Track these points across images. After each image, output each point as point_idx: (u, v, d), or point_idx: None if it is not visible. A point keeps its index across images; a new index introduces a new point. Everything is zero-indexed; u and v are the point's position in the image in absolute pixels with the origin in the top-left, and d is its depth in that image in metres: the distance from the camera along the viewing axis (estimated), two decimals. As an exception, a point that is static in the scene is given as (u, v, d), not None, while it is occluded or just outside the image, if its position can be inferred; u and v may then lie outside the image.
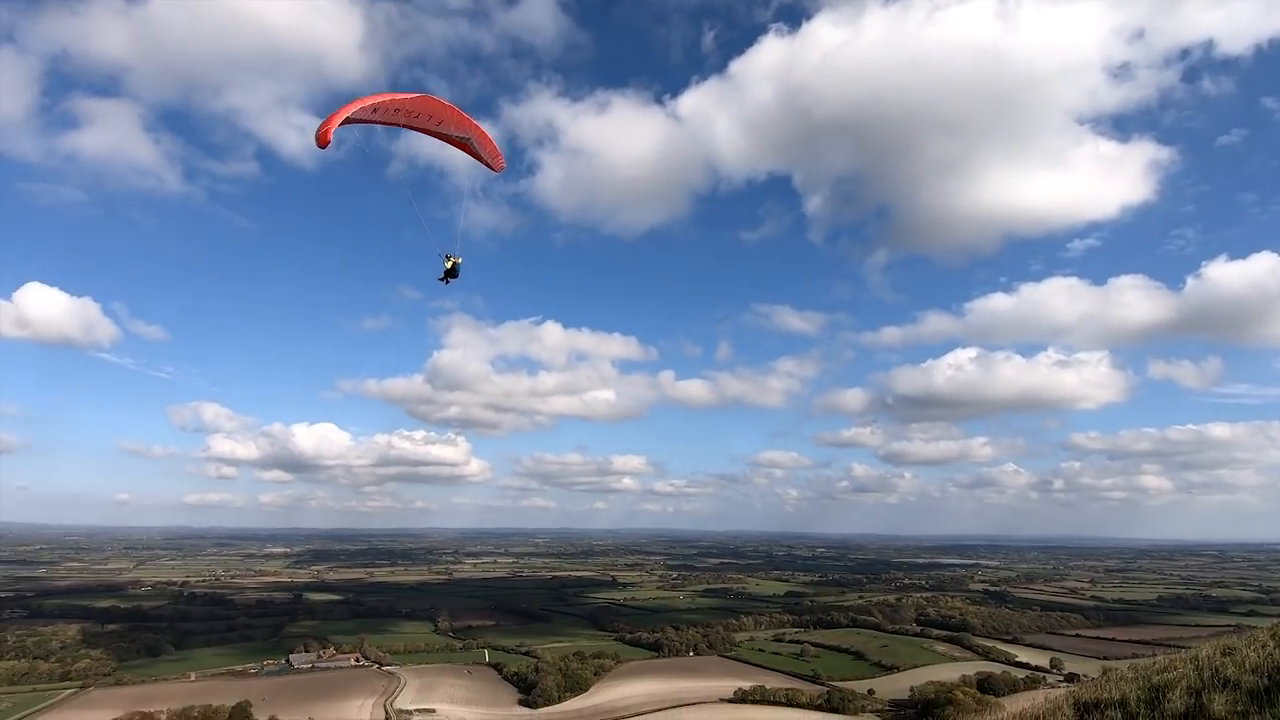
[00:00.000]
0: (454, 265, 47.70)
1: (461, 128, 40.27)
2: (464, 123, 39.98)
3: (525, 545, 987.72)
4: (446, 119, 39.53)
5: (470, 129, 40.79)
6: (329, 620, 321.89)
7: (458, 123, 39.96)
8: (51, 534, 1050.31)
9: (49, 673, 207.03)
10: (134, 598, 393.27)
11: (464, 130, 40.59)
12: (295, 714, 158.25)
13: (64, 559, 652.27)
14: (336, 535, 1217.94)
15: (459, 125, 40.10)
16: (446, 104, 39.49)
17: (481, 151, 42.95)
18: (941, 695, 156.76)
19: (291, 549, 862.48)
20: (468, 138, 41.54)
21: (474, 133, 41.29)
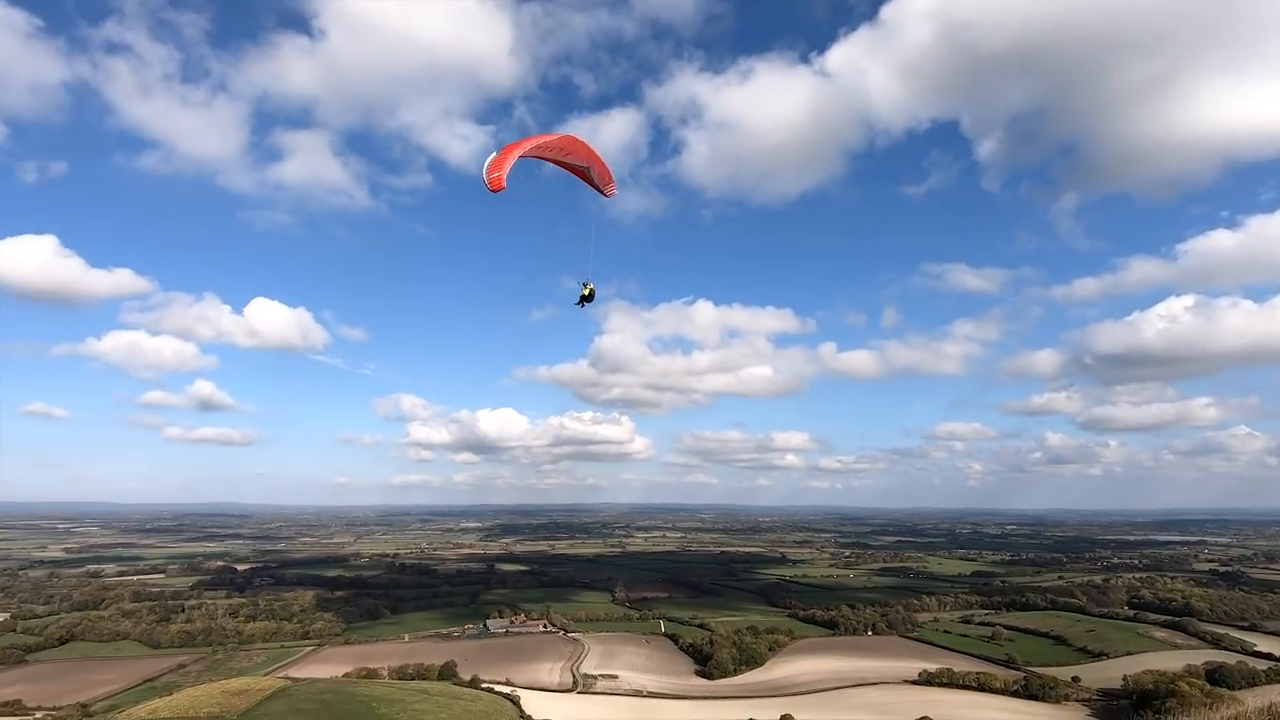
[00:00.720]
0: (590, 292, 50.81)
1: (585, 159, 44.50)
2: (590, 155, 44.49)
3: (692, 520, 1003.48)
4: (575, 151, 44.14)
5: (592, 160, 44.80)
6: (518, 589, 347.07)
7: (585, 155, 44.37)
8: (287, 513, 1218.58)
9: (292, 632, 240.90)
10: (355, 568, 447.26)
11: (586, 160, 44.60)
12: (494, 674, 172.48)
13: (299, 535, 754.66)
14: (521, 510, 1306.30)
15: (585, 156, 44.47)
16: (581, 140, 44.53)
17: (596, 179, 46.22)
18: (1162, 686, 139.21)
19: (483, 523, 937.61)
20: (587, 167, 45.12)
21: (594, 163, 44.99)
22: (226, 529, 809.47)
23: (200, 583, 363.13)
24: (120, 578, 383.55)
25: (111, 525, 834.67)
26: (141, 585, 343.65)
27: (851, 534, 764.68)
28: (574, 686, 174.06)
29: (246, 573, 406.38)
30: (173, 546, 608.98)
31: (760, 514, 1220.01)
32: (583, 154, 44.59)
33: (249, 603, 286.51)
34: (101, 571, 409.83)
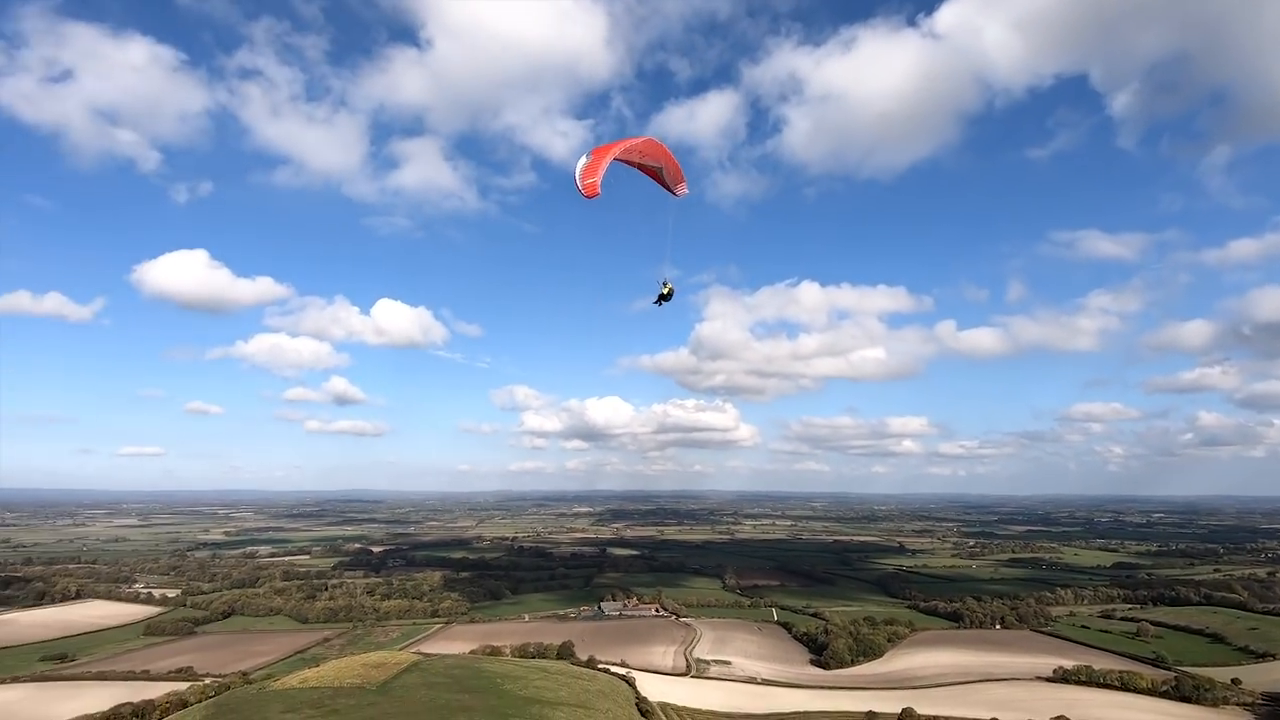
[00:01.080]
0: (669, 291, 51.50)
1: (660, 159, 45.61)
2: (665, 155, 45.67)
3: (802, 508, 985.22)
4: (653, 153, 45.14)
5: (665, 160, 45.83)
6: (630, 573, 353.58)
7: (661, 156, 45.50)
8: (415, 498, 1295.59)
9: (423, 610, 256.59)
10: (478, 550, 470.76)
11: (661, 160, 45.64)
12: (609, 655, 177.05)
13: (426, 519, 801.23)
14: (630, 496, 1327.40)
15: (660, 157, 45.58)
16: (659, 142, 45.72)
17: (668, 179, 47.26)
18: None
19: (594, 508, 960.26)
20: (660, 167, 46.09)
21: (668, 163, 46.04)
22: (362, 514, 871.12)
23: (340, 563, 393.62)
24: (272, 559, 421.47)
25: (263, 511, 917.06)
26: (290, 566, 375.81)
27: (976, 523, 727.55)
28: (688, 671, 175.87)
29: (381, 554, 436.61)
30: (316, 530, 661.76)
31: (876, 502, 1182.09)
32: (659, 155, 45.64)
33: (384, 582, 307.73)
34: (256, 553, 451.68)
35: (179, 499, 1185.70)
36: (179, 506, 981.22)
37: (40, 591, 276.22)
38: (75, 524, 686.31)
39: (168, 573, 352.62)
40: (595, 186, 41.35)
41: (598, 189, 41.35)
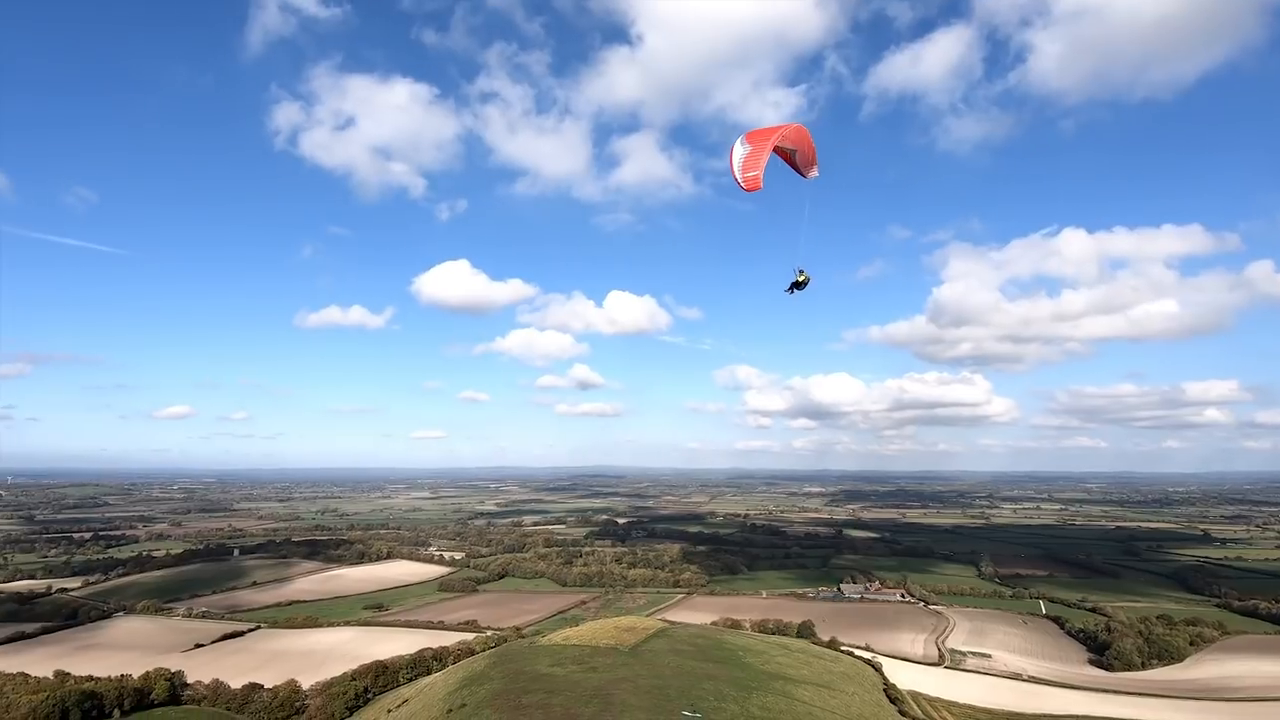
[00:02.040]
0: (804, 279, 50.04)
1: (798, 142, 44.54)
2: (802, 139, 44.62)
3: (1073, 490, 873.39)
4: (793, 137, 44.09)
5: (804, 145, 44.79)
6: (870, 556, 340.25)
7: (798, 139, 44.44)
8: (652, 474, 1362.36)
9: (665, 580, 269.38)
10: (712, 525, 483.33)
11: (798, 144, 44.56)
12: (851, 638, 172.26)
13: (663, 494, 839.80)
14: (864, 477, 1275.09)
15: (799, 141, 44.51)
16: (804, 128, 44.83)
17: (800, 162, 45.97)
18: None
19: (826, 489, 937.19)
20: (795, 150, 44.83)
21: (803, 146, 44.91)
22: (607, 488, 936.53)
23: (591, 533, 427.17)
24: (535, 527, 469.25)
25: (526, 484, 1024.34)
26: (550, 534, 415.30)
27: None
28: (940, 660, 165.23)
29: (625, 526, 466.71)
30: (569, 502, 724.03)
31: (1170, 483, 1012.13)
32: (800, 139, 44.55)
33: (629, 552, 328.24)
34: (521, 522, 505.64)
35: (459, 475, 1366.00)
36: (459, 481, 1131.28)
37: (360, 552, 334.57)
38: (383, 496, 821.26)
39: (454, 538, 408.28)
40: (758, 181, 39.57)
41: (760, 183, 39.51)
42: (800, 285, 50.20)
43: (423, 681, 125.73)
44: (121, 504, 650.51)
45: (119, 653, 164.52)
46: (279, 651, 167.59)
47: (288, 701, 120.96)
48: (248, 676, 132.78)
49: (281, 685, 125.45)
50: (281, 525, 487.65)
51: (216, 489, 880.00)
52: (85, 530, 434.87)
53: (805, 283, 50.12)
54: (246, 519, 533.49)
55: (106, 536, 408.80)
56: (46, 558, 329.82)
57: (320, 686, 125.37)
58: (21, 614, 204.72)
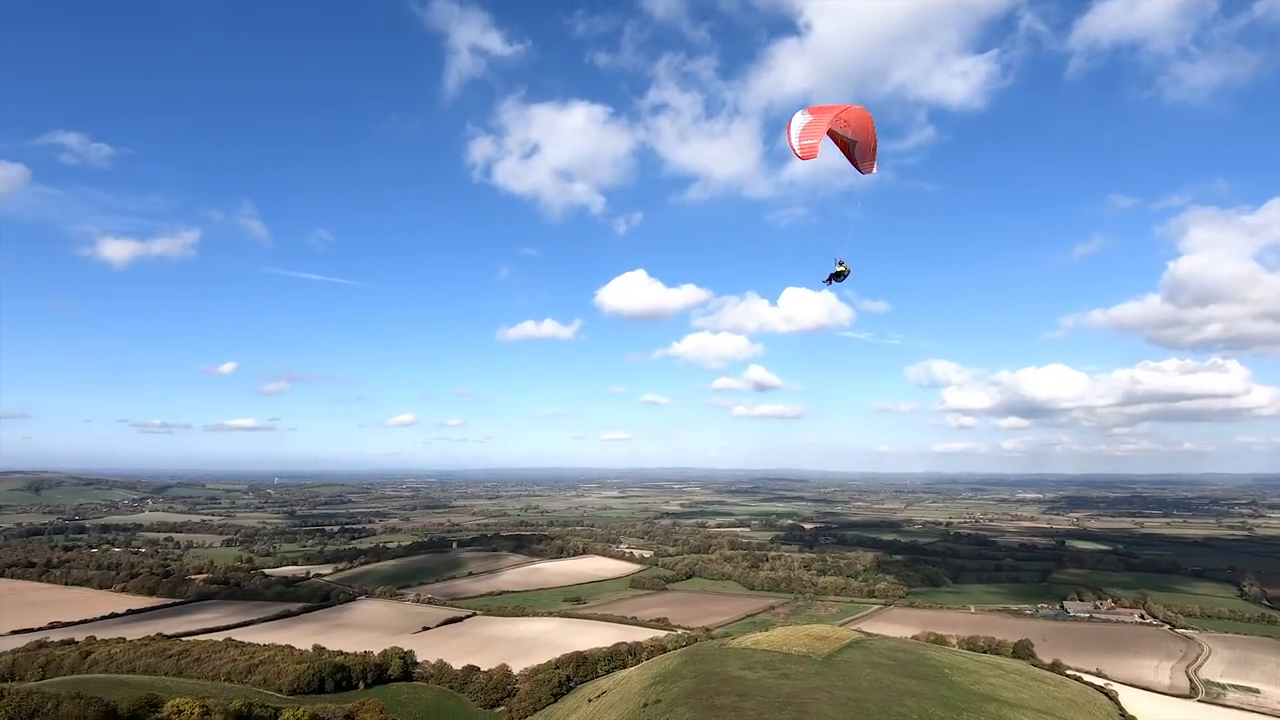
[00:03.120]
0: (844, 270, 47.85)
1: (859, 131, 41.54)
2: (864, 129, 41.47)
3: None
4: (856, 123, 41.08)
5: (865, 134, 41.74)
6: (1098, 570, 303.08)
7: (860, 127, 41.33)
8: (838, 479, 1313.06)
9: (858, 589, 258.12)
10: (909, 533, 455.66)
11: (859, 133, 41.67)
12: (1078, 661, 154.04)
13: (852, 499, 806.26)
14: (1089, 481, 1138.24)
15: (859, 129, 41.41)
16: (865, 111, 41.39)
17: (859, 154, 43.00)
18: None
19: (1043, 495, 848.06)
20: (855, 140, 42.13)
21: (865, 137, 41.97)
22: (790, 492, 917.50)
23: (776, 537, 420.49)
24: (719, 529, 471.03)
25: (707, 486, 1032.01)
26: (734, 536, 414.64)
27: None
28: (1192, 693, 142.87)
29: (812, 531, 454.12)
30: (751, 505, 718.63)
31: None
32: (862, 127, 41.67)
33: (818, 558, 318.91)
34: (705, 524, 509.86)
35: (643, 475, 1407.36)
36: (644, 481, 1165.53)
37: (559, 547, 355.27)
38: (577, 495, 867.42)
39: (642, 536, 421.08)
40: (815, 149, 38.19)
41: (817, 151, 38.25)
42: (840, 276, 48.53)
43: (619, 674, 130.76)
44: (362, 501, 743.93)
45: (361, 631, 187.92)
46: (492, 637, 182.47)
47: (501, 684, 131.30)
48: (467, 658, 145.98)
49: (495, 669, 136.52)
50: (491, 521, 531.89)
51: (437, 488, 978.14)
52: (334, 524, 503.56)
53: (845, 274, 48.38)
54: (462, 515, 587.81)
55: (350, 529, 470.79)
56: (305, 547, 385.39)
57: (528, 672, 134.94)
58: (287, 595, 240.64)
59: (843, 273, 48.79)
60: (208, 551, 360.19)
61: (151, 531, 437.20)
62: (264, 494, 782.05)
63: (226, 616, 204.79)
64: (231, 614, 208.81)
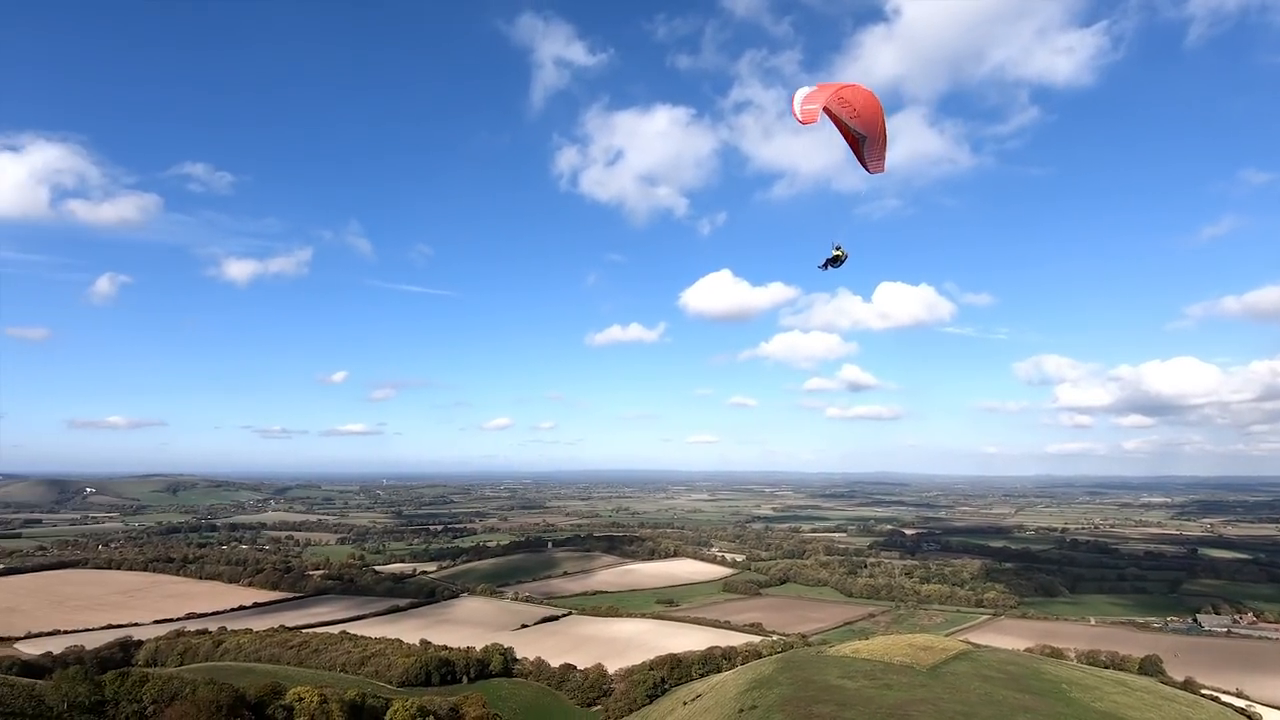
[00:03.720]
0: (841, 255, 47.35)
1: (869, 126, 39.39)
2: (877, 124, 39.38)
3: None
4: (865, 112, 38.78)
5: (875, 129, 39.61)
6: (1237, 581, 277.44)
7: (872, 123, 39.20)
8: (940, 482, 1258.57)
9: (965, 599, 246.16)
10: (1020, 540, 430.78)
11: (869, 128, 39.55)
12: (1215, 680, 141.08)
13: (956, 504, 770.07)
14: (1224, 484, 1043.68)
15: (871, 124, 39.24)
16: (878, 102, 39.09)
17: (869, 153, 41.07)
18: None
19: (1171, 499, 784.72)
20: (865, 136, 40.09)
21: (876, 135, 39.94)
22: (889, 496, 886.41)
23: (875, 543, 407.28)
24: (813, 534, 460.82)
25: (800, 490, 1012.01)
26: (830, 542, 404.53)
27: None
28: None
29: (914, 537, 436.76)
30: (847, 510, 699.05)
31: None
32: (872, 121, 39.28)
33: (920, 565, 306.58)
34: (799, 529, 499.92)
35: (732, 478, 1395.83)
36: (734, 485, 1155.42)
37: (651, 549, 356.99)
38: (666, 497, 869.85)
39: (733, 540, 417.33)
40: (815, 114, 36.59)
41: (817, 116, 36.63)
42: (836, 261, 48.00)
43: (713, 678, 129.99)
44: (462, 501, 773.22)
45: (464, 627, 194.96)
46: (587, 636, 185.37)
47: (596, 683, 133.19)
48: (563, 657, 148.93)
49: (591, 668, 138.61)
50: (584, 521, 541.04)
51: (532, 489, 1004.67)
52: (437, 524, 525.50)
53: (843, 258, 47.88)
54: (556, 515, 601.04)
55: (453, 529, 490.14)
56: (411, 545, 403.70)
57: (623, 673, 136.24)
58: (396, 591, 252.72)
59: (840, 257, 48.14)
60: (324, 549, 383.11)
61: (274, 530, 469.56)
62: (374, 495, 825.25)
63: (341, 610, 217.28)
64: (345, 608, 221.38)
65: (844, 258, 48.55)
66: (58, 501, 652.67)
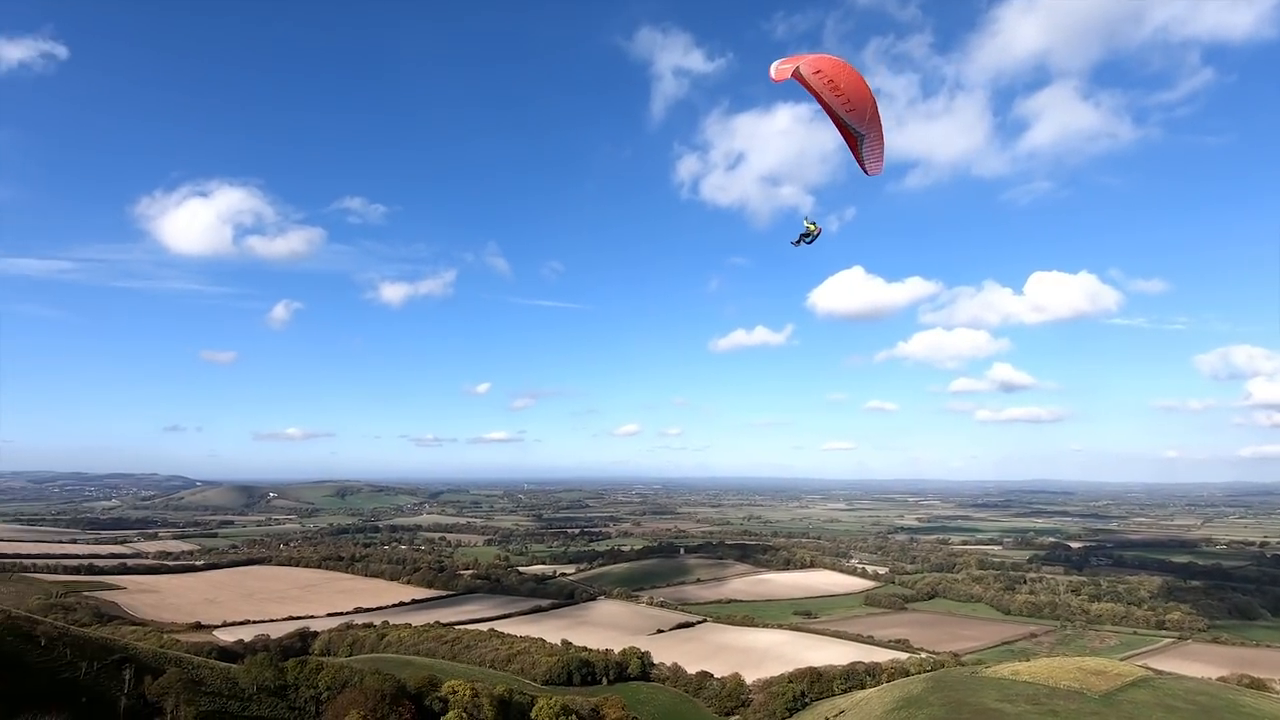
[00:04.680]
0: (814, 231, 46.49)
1: (866, 124, 38.42)
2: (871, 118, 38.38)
3: None
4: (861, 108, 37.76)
5: (872, 128, 38.70)
6: None
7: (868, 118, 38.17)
8: (1111, 490, 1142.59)
9: (1143, 619, 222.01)
10: (1209, 555, 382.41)
11: (866, 127, 38.55)
12: None
13: (1130, 514, 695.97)
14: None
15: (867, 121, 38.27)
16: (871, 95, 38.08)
17: (868, 152, 39.81)
18: None
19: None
20: (864, 135, 38.95)
21: (872, 132, 38.90)
22: (1051, 505, 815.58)
23: (1035, 557, 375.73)
24: (963, 546, 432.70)
25: (948, 499, 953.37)
26: (983, 555, 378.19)
27: None
28: None
29: (1080, 551, 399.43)
30: (1002, 520, 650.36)
31: None
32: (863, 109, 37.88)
33: (1088, 582, 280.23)
34: (948, 540, 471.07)
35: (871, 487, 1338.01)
36: (873, 494, 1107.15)
37: (785, 559, 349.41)
38: (800, 506, 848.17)
39: (874, 551, 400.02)
40: (787, 72, 35.97)
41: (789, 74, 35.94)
42: (809, 237, 46.90)
43: (857, 695, 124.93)
44: (597, 506, 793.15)
45: (601, 630, 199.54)
46: (723, 645, 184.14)
47: (734, 693, 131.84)
48: (699, 664, 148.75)
49: (728, 677, 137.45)
50: (715, 529, 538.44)
51: (663, 494, 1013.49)
52: (574, 527, 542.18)
53: (815, 234, 46.84)
54: (687, 522, 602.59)
55: (588, 532, 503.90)
56: (551, 548, 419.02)
57: (761, 684, 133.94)
58: (538, 591, 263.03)
59: (812, 233, 46.86)
60: (472, 550, 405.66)
61: (428, 531, 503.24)
62: (516, 499, 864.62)
63: (489, 609, 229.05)
64: (493, 607, 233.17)
65: (816, 232, 47.16)
66: (246, 505, 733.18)
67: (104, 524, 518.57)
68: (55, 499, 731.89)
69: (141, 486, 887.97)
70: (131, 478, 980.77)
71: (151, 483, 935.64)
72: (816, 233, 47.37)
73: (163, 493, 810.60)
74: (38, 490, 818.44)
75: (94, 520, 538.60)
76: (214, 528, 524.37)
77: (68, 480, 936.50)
